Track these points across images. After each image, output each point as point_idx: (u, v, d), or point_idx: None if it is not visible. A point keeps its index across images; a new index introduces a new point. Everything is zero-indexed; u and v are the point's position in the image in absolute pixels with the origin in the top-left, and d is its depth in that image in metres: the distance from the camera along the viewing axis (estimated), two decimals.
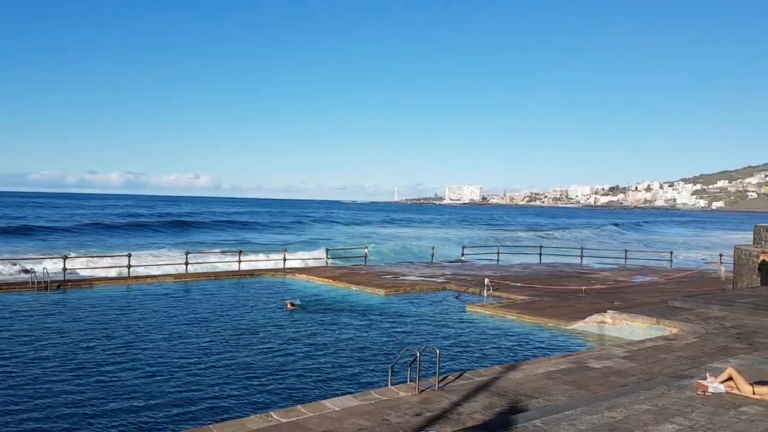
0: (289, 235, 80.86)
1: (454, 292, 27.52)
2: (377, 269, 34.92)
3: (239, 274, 31.65)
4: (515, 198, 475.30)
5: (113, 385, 13.13)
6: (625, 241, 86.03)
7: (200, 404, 11.98)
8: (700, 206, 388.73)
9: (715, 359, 13.24)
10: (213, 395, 12.54)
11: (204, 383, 13.33)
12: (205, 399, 12.30)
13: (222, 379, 13.69)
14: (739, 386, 10.46)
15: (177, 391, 12.74)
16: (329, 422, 8.93)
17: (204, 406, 11.90)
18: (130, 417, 11.22)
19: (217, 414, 11.34)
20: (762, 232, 28.04)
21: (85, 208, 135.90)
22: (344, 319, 20.82)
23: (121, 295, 25.05)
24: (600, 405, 9.82)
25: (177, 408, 11.74)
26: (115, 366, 14.56)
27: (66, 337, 17.38)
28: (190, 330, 18.75)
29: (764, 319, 18.04)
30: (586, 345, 17.48)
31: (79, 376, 13.68)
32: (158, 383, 13.28)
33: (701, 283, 30.91)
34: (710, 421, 9.06)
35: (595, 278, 32.46)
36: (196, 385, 13.17)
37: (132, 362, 14.91)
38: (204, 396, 12.48)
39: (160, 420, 11.11)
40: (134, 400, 12.13)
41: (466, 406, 9.82)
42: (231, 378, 13.76)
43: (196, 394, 12.60)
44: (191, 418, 11.16)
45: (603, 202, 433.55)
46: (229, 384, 13.31)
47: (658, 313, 19.12)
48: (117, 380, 13.45)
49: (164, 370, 14.32)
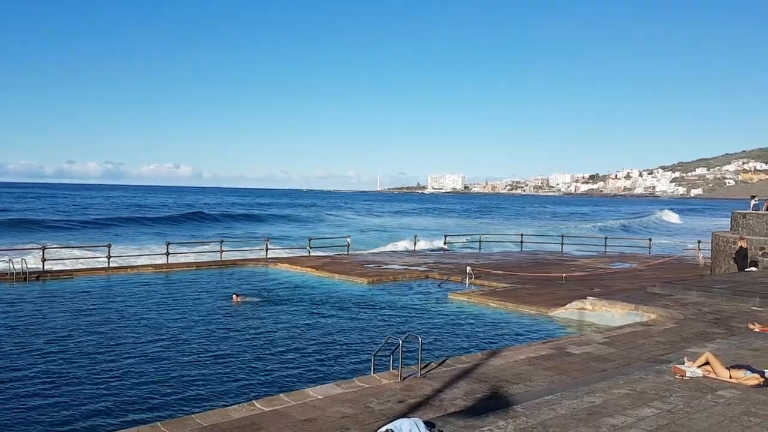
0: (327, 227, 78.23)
1: (437, 280, 27.63)
2: (360, 258, 34.94)
3: (221, 264, 31.48)
4: (497, 186, 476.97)
5: (90, 377, 13.04)
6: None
7: (181, 394, 11.94)
8: (679, 193, 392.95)
9: (692, 344, 13.45)
10: (194, 386, 12.49)
11: (185, 374, 13.28)
12: (187, 390, 12.25)
13: (203, 369, 13.64)
14: (716, 370, 10.64)
15: (156, 383, 12.66)
16: (312, 410, 8.95)
17: (185, 396, 11.86)
18: (108, 409, 11.17)
19: (198, 404, 11.31)
20: (739, 219, 28.43)
21: (98, 199, 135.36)
22: (327, 309, 20.82)
23: (100, 286, 24.82)
24: (579, 390, 9.94)
25: (156, 399, 11.71)
26: (91, 358, 14.45)
27: (41, 328, 17.22)
28: (167, 321, 18.63)
29: (741, 305, 18.35)
30: (566, 331, 17.66)
31: (54, 370, 13.57)
32: (137, 375, 13.19)
33: (679, 270, 31.32)
34: (688, 405, 9.21)
35: (576, 265, 32.75)
36: (176, 376, 13.11)
37: (110, 354, 14.80)
38: (184, 387, 12.43)
39: (141, 411, 11.06)
40: (112, 394, 12.06)
41: (448, 392, 9.90)
42: (211, 368, 13.72)
43: (176, 385, 12.54)
44: (172, 408, 11.11)
45: (583, 190, 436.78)
46: (210, 375, 13.28)
47: (637, 300, 19.37)
48: (94, 372, 13.37)
49: (141, 361, 14.22)
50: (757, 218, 27.39)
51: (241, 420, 8.55)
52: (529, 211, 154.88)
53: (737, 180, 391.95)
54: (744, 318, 16.35)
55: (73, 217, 77.68)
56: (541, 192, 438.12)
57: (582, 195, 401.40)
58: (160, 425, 8.37)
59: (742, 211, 29.58)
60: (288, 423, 8.42)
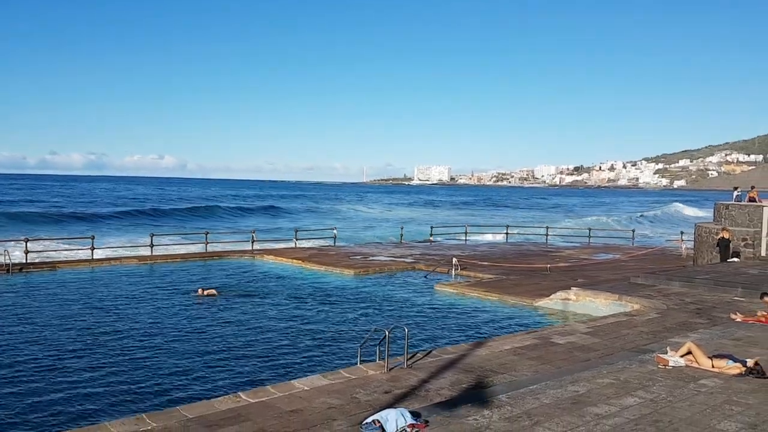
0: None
1: (423, 272, 27.69)
2: (347, 250, 34.93)
3: (206, 256, 31.32)
4: (483, 178, 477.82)
5: (73, 369, 12.96)
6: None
7: (165, 387, 11.89)
8: (662, 185, 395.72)
9: (675, 334, 13.61)
10: (178, 378, 12.44)
11: (168, 366, 13.23)
12: (170, 382, 12.20)
13: (186, 361, 13.59)
14: (699, 360, 10.78)
15: (138, 375, 12.58)
16: (298, 401, 8.96)
17: (169, 388, 11.82)
18: (90, 401, 11.11)
19: (182, 396, 11.28)
20: (722, 210, 28.69)
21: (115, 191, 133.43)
22: (313, 300, 20.80)
23: (83, 278, 24.62)
24: (564, 379, 10.03)
25: (139, 391, 11.67)
26: (73, 351, 14.33)
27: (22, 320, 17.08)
28: (147, 313, 18.52)
29: (723, 295, 18.56)
30: (550, 321, 17.79)
31: (34, 362, 13.46)
32: (118, 366, 13.13)
33: (662, 260, 31.60)
34: (670, 394, 9.33)
35: (560, 256, 32.95)
36: (159, 369, 13.03)
37: (90, 346, 14.67)
38: (168, 379, 12.37)
39: (123, 403, 11.01)
40: (93, 386, 12.00)
41: (434, 382, 9.95)
42: (196, 361, 13.67)
43: (159, 377, 12.46)
44: (157, 400, 11.07)
45: (568, 181, 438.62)
46: (195, 367, 13.23)
47: (621, 290, 19.54)
48: (76, 364, 13.28)
49: (121, 353, 14.13)
50: (739, 209, 27.67)
51: (227, 411, 8.54)
52: (539, 203, 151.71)
53: (720, 171, 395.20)
54: (726, 308, 16.55)
55: (63, 210, 76.64)
56: (527, 183, 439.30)
57: (566, 186, 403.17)
58: (145, 417, 8.34)
59: (724, 202, 29.86)
60: (274, 414, 8.43)
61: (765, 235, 25.81)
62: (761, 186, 46.08)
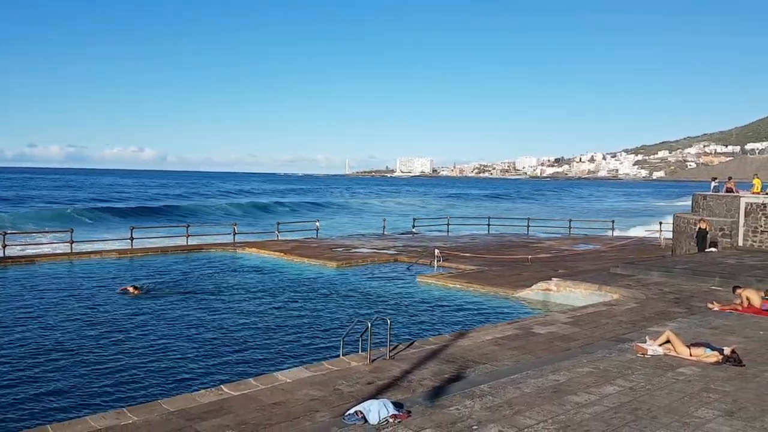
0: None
1: (406, 263, 27.74)
2: (329, 242, 34.86)
3: (187, 249, 31.09)
4: (464, 170, 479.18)
5: (51, 364, 12.84)
6: None
7: (146, 381, 11.82)
8: (642, 176, 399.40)
9: (654, 323, 13.77)
10: (159, 372, 12.37)
11: (149, 360, 13.16)
12: (151, 377, 12.12)
13: (168, 354, 13.53)
14: (677, 348, 10.92)
15: (119, 370, 12.49)
16: (281, 393, 8.96)
17: (150, 382, 11.74)
18: (69, 396, 11.02)
19: (164, 390, 11.22)
20: (700, 201, 29.02)
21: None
22: (295, 292, 20.76)
23: (61, 271, 24.36)
24: (544, 369, 10.12)
25: (120, 386, 11.59)
26: (54, 346, 14.23)
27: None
28: (124, 306, 18.39)
29: (701, 284, 18.81)
30: (531, 312, 17.92)
31: (12, 356, 13.34)
32: (94, 360, 13.04)
33: (642, 251, 31.94)
34: (649, 382, 9.45)
35: (541, 247, 33.17)
36: (139, 363, 12.95)
37: (70, 341, 14.58)
38: (149, 374, 12.29)
39: (106, 395, 10.94)
40: (72, 381, 11.91)
41: (417, 373, 9.99)
42: (178, 353, 13.62)
43: (139, 372, 12.37)
44: (138, 394, 11.01)
45: (549, 173, 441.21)
46: (176, 360, 13.18)
47: (600, 280, 19.73)
48: (54, 360, 13.17)
49: (99, 348, 14.04)
50: (717, 200, 28.01)
51: (209, 404, 8.51)
52: (555, 199, 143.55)
53: (699, 162, 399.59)
54: (704, 297, 16.77)
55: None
56: (508, 175, 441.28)
57: (547, 178, 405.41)
58: (126, 411, 8.28)
59: (702, 192, 30.21)
60: (257, 407, 8.42)
61: (742, 225, 26.16)
62: (738, 177, 46.71)
